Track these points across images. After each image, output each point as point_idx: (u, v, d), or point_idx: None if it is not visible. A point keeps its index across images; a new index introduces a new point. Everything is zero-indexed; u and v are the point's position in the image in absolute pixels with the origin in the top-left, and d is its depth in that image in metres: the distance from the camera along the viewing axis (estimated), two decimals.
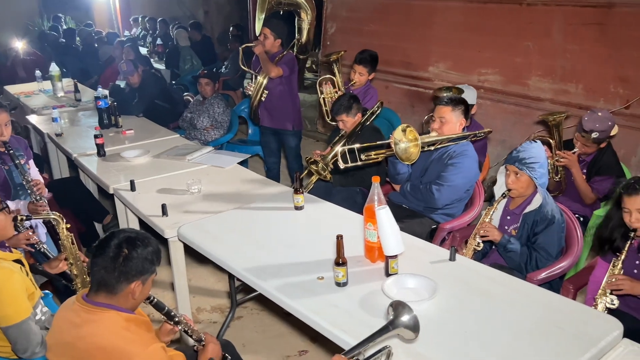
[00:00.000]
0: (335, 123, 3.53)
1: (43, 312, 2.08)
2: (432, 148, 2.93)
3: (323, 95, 4.04)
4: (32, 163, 3.32)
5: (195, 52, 8.11)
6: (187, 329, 1.83)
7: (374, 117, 3.52)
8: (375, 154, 2.87)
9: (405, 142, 2.73)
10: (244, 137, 5.54)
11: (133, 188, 3.13)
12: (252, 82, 4.17)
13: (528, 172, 2.46)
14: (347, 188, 3.43)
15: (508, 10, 4.60)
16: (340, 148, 2.85)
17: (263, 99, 4.12)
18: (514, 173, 2.52)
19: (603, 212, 2.92)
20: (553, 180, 3.16)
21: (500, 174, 2.67)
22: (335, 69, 4.17)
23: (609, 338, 1.75)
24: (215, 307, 3.32)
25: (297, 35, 4.39)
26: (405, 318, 1.56)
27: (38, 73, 6.11)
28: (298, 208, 2.82)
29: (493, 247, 2.72)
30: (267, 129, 4.35)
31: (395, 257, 2.13)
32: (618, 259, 2.19)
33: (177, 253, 2.78)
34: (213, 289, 3.52)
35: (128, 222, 3.32)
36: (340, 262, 2.06)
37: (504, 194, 2.59)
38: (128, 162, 3.63)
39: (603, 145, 3.13)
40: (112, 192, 3.25)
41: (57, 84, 5.70)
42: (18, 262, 2.07)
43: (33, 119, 4.84)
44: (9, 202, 2.84)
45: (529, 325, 1.83)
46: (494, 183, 2.74)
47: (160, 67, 8.09)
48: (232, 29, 8.64)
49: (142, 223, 3.07)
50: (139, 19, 11.65)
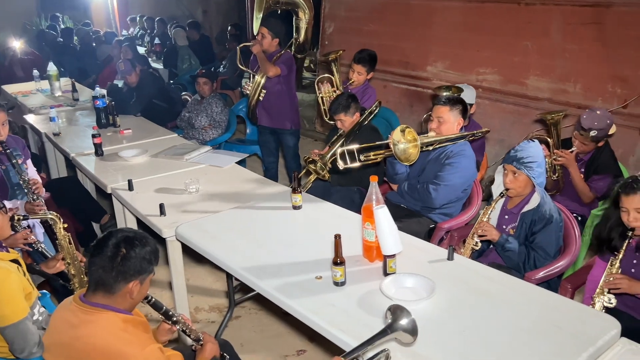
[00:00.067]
0: (334, 122, 3.53)
1: (40, 312, 2.07)
2: (430, 148, 2.93)
3: (321, 94, 4.04)
4: (29, 163, 3.31)
5: (194, 51, 8.10)
6: (185, 329, 1.83)
7: (372, 116, 3.52)
8: (374, 155, 2.87)
9: (404, 142, 2.72)
10: (242, 136, 5.53)
11: (131, 187, 3.12)
12: (250, 81, 4.17)
13: (526, 171, 2.46)
14: (345, 187, 3.43)
15: (506, 10, 4.61)
16: (340, 149, 2.84)
17: (261, 99, 4.11)
18: (512, 172, 2.52)
19: (601, 211, 2.93)
20: (551, 179, 3.17)
21: (498, 174, 2.67)
22: (334, 68, 4.17)
23: (607, 337, 1.75)
24: (214, 306, 3.32)
25: (294, 35, 4.39)
26: (404, 322, 1.56)
27: (36, 72, 6.10)
28: (296, 207, 2.81)
29: (491, 246, 2.72)
30: (265, 129, 4.35)
31: (393, 256, 2.12)
32: (616, 258, 2.19)
33: (175, 252, 2.78)
34: (211, 289, 3.51)
35: (126, 221, 3.31)
36: (338, 261, 2.06)
37: (502, 194, 2.59)
38: (126, 161, 3.63)
39: (601, 144, 3.14)
40: (109, 191, 3.25)
41: (54, 84, 5.69)
42: (15, 262, 2.06)
43: (31, 119, 4.83)
44: (6, 202, 2.83)
45: (527, 325, 1.83)
46: (492, 182, 2.74)
47: (158, 66, 8.08)
48: (230, 29, 8.65)
49: (140, 223, 3.07)
50: (137, 18, 11.64)
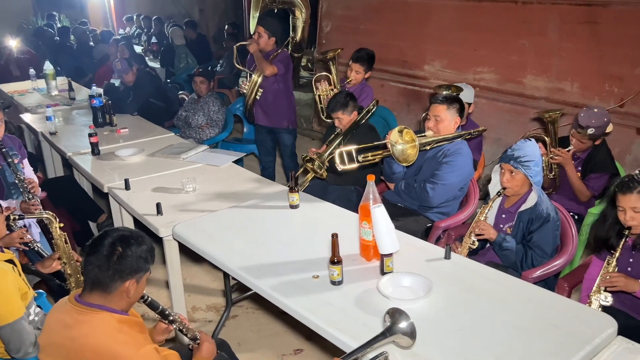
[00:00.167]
0: (331, 120, 3.52)
1: (36, 312, 2.06)
2: (427, 148, 2.94)
3: (319, 93, 4.03)
4: (26, 162, 3.29)
5: (191, 50, 8.09)
6: (182, 328, 1.83)
7: (370, 115, 3.52)
8: (373, 156, 2.87)
9: (402, 143, 2.72)
10: (239, 135, 5.52)
11: (127, 187, 3.12)
12: (247, 80, 4.16)
13: (523, 170, 2.46)
14: (342, 186, 3.43)
15: (503, 9, 4.61)
16: (337, 150, 2.83)
17: (258, 98, 4.11)
18: (509, 171, 2.52)
19: (598, 210, 2.93)
20: (547, 178, 3.18)
21: (495, 173, 2.67)
22: (332, 67, 4.17)
23: (604, 335, 1.75)
24: (211, 306, 3.32)
25: (291, 34, 4.39)
26: (403, 325, 1.56)
27: (32, 71, 6.08)
28: (293, 207, 2.81)
29: (488, 245, 2.73)
30: (262, 128, 4.34)
31: (391, 255, 2.12)
32: (612, 257, 2.19)
33: (171, 252, 2.77)
34: (208, 288, 3.51)
35: (122, 221, 3.30)
36: (336, 260, 2.05)
37: (499, 193, 2.59)
38: (122, 160, 3.62)
39: (598, 142, 3.15)
40: (106, 190, 3.24)
41: (51, 83, 5.67)
42: (10, 262, 2.05)
43: (27, 118, 4.82)
44: (2, 201, 2.82)
45: (524, 323, 1.84)
46: (489, 181, 2.74)
47: (155, 65, 8.05)
48: (227, 28, 8.63)
49: (136, 222, 3.06)
50: (134, 17, 11.61)
